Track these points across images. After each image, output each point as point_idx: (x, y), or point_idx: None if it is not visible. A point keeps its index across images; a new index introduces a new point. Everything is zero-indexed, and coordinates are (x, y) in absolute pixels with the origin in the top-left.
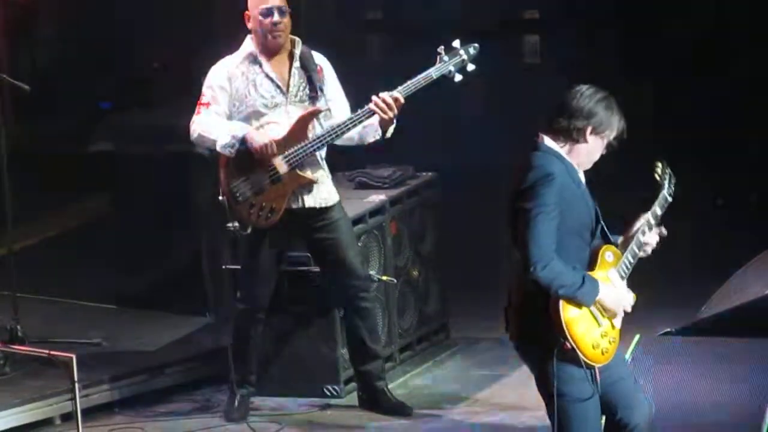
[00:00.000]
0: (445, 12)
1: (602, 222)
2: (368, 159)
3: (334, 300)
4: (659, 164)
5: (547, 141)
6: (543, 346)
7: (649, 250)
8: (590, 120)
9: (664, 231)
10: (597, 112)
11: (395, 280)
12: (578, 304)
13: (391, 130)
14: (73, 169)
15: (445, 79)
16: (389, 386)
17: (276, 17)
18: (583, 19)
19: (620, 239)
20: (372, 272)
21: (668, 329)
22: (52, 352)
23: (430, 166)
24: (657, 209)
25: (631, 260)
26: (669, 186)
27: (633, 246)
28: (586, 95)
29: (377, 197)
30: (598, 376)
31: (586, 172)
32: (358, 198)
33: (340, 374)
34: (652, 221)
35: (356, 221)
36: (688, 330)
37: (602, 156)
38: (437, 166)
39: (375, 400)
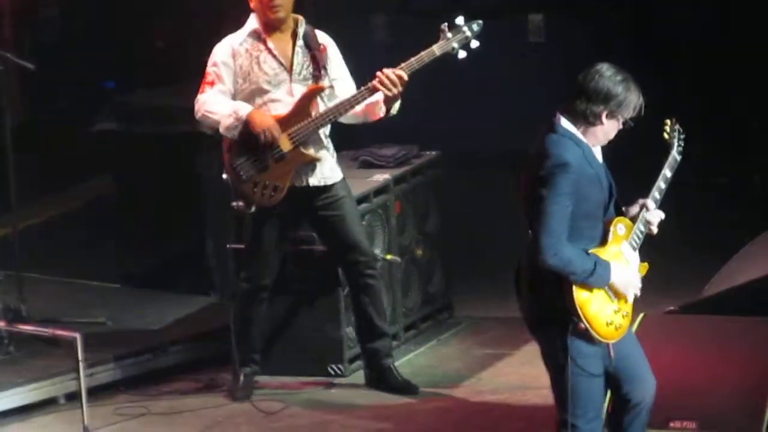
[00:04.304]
0: None
1: (616, 196)
2: (373, 138)
3: (340, 278)
4: (668, 122)
5: (564, 122)
6: (556, 324)
7: (654, 229)
8: (608, 104)
9: (661, 213)
10: (615, 95)
11: (399, 259)
12: (590, 287)
13: (396, 107)
14: (77, 149)
15: (449, 56)
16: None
17: None
18: None
19: (634, 208)
20: (376, 251)
21: (672, 308)
22: (56, 332)
23: (433, 145)
24: (667, 171)
25: (643, 229)
26: (678, 144)
27: (644, 214)
28: (605, 77)
29: (381, 176)
30: (612, 352)
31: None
32: (363, 177)
33: (344, 353)
34: (663, 185)
35: (360, 200)
36: (692, 308)
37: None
38: (441, 145)
39: (382, 378)
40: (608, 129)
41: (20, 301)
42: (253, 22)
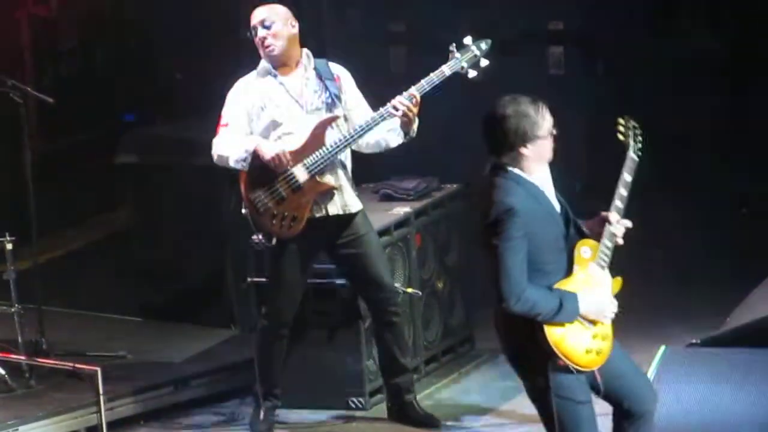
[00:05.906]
0: (469, 23)
1: (573, 219)
2: (393, 171)
3: (360, 311)
4: (621, 120)
5: (502, 165)
6: (536, 362)
7: (619, 241)
8: (525, 136)
9: (628, 223)
10: (524, 126)
11: (420, 293)
12: (561, 323)
13: (414, 129)
14: (97, 182)
15: (459, 75)
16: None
17: (260, 33)
18: (607, 30)
19: (592, 222)
20: (397, 284)
21: (693, 341)
22: (77, 365)
23: (454, 178)
24: (626, 175)
25: (609, 245)
26: (635, 143)
27: (609, 228)
28: (507, 117)
29: (402, 209)
30: (599, 377)
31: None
32: (383, 210)
33: (365, 386)
34: (624, 191)
35: (381, 233)
36: (713, 341)
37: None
38: (461, 178)
39: (404, 412)
40: (540, 152)
41: (40, 335)
42: (264, 60)
